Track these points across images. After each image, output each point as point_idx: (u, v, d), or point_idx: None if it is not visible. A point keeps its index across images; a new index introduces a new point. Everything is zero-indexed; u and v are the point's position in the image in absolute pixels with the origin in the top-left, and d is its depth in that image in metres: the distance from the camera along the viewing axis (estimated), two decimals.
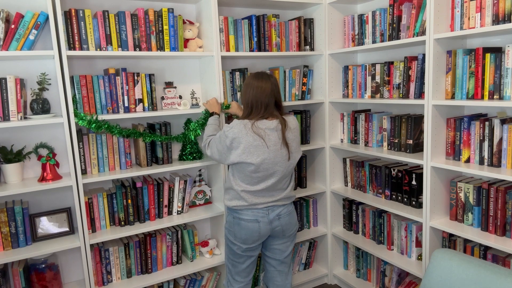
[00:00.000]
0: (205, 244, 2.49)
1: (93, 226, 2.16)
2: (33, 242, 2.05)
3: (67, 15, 1.95)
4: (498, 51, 1.85)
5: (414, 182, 2.27)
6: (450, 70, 2.00)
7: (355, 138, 2.67)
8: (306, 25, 2.69)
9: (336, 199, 2.85)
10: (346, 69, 2.69)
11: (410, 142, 2.27)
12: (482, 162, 1.93)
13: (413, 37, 2.14)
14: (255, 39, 2.46)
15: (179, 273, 2.34)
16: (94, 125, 2.01)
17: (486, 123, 1.88)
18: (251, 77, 1.96)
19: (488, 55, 1.83)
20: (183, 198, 2.39)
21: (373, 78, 2.47)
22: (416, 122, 2.25)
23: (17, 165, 2.01)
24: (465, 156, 1.99)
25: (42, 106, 2.01)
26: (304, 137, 2.78)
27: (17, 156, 2.02)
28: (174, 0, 2.35)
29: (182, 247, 2.50)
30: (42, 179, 2.01)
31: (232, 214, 1.99)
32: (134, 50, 2.13)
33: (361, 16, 2.51)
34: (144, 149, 2.25)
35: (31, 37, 1.86)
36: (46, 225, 2.10)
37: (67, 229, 2.14)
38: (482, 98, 1.88)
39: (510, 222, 1.84)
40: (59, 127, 2.21)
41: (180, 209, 2.40)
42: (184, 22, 2.31)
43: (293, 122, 1.97)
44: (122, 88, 2.15)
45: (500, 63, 1.80)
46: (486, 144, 1.90)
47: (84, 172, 2.12)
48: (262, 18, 2.47)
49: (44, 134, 2.17)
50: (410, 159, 2.18)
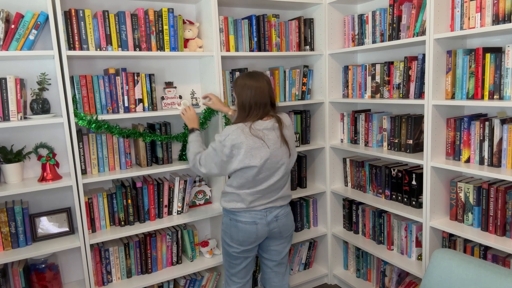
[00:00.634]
0: (205, 244, 2.49)
1: (93, 226, 2.16)
2: (33, 242, 2.05)
3: (67, 15, 1.95)
4: (498, 51, 1.85)
5: (414, 182, 2.27)
6: (450, 70, 2.00)
7: (355, 138, 2.67)
8: (306, 25, 2.69)
9: (336, 199, 2.85)
10: (346, 69, 2.69)
11: (410, 142, 2.27)
12: (482, 162, 1.93)
13: (413, 37, 2.14)
14: (255, 39, 2.46)
15: (179, 273, 2.34)
16: (94, 125, 2.01)
17: (486, 123, 1.88)
18: (245, 77, 1.90)
19: (488, 55, 1.83)
20: (183, 198, 2.39)
21: (373, 78, 2.47)
22: (416, 122, 2.25)
23: (17, 165, 2.01)
24: (465, 156, 1.99)
25: (42, 106, 2.01)
26: (304, 137, 2.78)
27: (17, 156, 2.02)
28: (174, 0, 2.35)
29: (182, 247, 2.50)
30: (42, 179, 2.01)
31: (228, 216, 1.96)
32: (134, 50, 2.13)
33: (361, 16, 2.51)
34: (144, 149, 2.25)
35: (31, 37, 1.86)
36: (46, 225, 2.10)
37: (67, 229, 2.14)
38: (482, 98, 1.88)
39: (510, 222, 1.84)
40: (59, 127, 2.21)
41: (180, 209, 2.40)
42: (184, 22, 2.31)
43: (287, 119, 1.96)
44: (122, 88, 2.15)
45: (500, 63, 1.80)
46: (486, 144, 1.90)
47: (84, 172, 2.12)
48: (262, 18, 2.47)
49: (44, 134, 2.17)
50: (410, 159, 2.18)
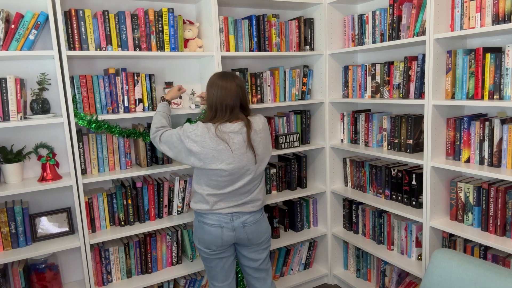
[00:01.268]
0: None
1: (93, 226, 2.16)
2: (33, 242, 2.05)
3: (67, 15, 1.95)
4: (498, 51, 1.85)
5: (414, 182, 2.27)
6: (450, 70, 2.00)
7: (355, 138, 2.67)
8: (306, 25, 2.69)
9: (336, 199, 2.85)
10: (346, 69, 2.69)
11: (410, 142, 2.27)
12: (482, 162, 1.93)
13: (413, 37, 2.14)
14: (255, 39, 2.46)
15: (179, 273, 2.34)
16: (94, 125, 2.01)
17: (486, 123, 1.88)
18: (216, 76, 1.86)
19: (488, 55, 1.83)
20: (183, 198, 2.39)
21: (373, 78, 2.47)
22: (416, 122, 2.25)
23: (17, 165, 2.01)
24: (465, 156, 1.99)
25: (42, 106, 2.01)
26: (304, 137, 2.78)
27: (17, 156, 2.02)
28: (174, 0, 2.35)
29: (182, 247, 2.50)
30: (42, 179, 2.01)
31: (197, 218, 1.92)
32: (134, 50, 2.13)
33: (361, 16, 2.51)
34: (144, 149, 2.25)
35: (31, 37, 1.86)
36: (46, 225, 2.10)
37: (67, 229, 2.14)
38: (482, 98, 1.88)
39: (510, 222, 1.84)
40: (59, 127, 2.21)
41: (180, 209, 2.40)
42: (184, 22, 2.31)
43: (259, 122, 1.86)
44: (122, 88, 2.15)
45: (500, 63, 1.80)
46: (486, 144, 1.90)
47: (84, 172, 2.12)
48: (262, 18, 2.47)
49: (44, 134, 2.17)
50: (410, 159, 2.18)
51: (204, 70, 2.48)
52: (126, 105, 2.17)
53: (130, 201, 2.23)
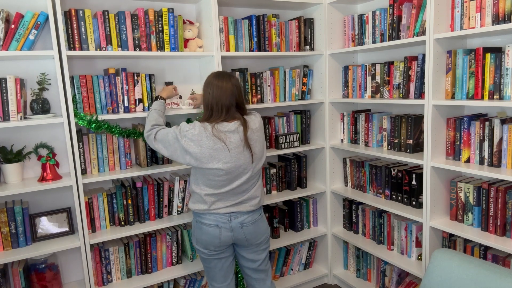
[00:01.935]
0: None
1: (93, 226, 2.16)
2: (33, 242, 2.05)
3: (67, 15, 1.95)
4: (498, 51, 1.85)
5: (414, 182, 2.27)
6: (450, 70, 2.00)
7: (355, 138, 2.67)
8: (306, 25, 2.69)
9: (336, 199, 2.85)
10: (346, 69, 2.69)
11: (410, 142, 2.27)
12: (482, 162, 1.93)
13: (413, 37, 2.14)
14: (255, 39, 2.46)
15: (179, 273, 2.34)
16: (94, 125, 2.01)
17: (486, 123, 1.88)
18: (212, 76, 1.86)
19: (488, 55, 1.83)
20: (183, 198, 2.39)
21: (373, 78, 2.47)
22: (416, 122, 2.25)
23: (17, 165, 2.01)
24: (465, 156, 1.99)
25: (42, 106, 2.01)
26: (304, 137, 2.78)
27: (17, 156, 2.02)
28: (174, 0, 2.35)
29: (182, 247, 2.50)
30: (42, 179, 2.01)
31: (195, 218, 1.92)
32: (134, 50, 2.14)
33: (361, 16, 2.51)
34: (144, 149, 2.25)
35: (31, 37, 1.86)
36: (46, 225, 2.10)
37: (67, 229, 2.14)
38: (482, 98, 1.88)
39: (510, 222, 1.84)
40: (59, 127, 2.21)
41: (180, 209, 2.40)
42: (184, 22, 2.31)
43: (255, 121, 1.86)
44: (122, 88, 2.15)
45: (500, 63, 1.80)
46: (486, 144, 1.90)
47: (84, 172, 2.12)
48: (262, 18, 2.47)
49: (44, 134, 2.17)
50: (410, 159, 2.18)
51: (204, 70, 2.48)
52: (126, 105, 2.17)
53: (130, 201, 2.23)
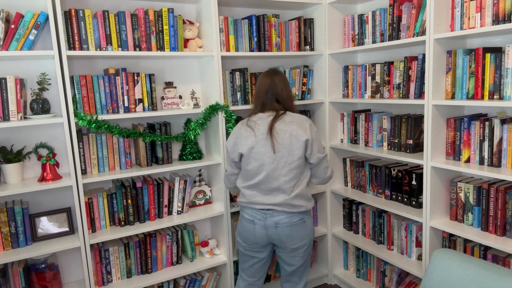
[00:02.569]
0: (205, 244, 2.49)
1: (93, 226, 2.16)
2: (33, 242, 2.05)
3: (67, 15, 1.95)
4: (498, 51, 1.85)
5: (414, 182, 2.27)
6: (450, 70, 2.00)
7: (355, 138, 2.67)
8: (306, 25, 2.69)
9: (336, 199, 2.85)
10: (346, 69, 2.69)
11: (410, 142, 2.27)
12: (482, 162, 1.93)
13: (413, 37, 2.14)
14: (255, 39, 2.46)
15: (179, 273, 2.34)
16: (94, 125, 2.01)
17: (486, 123, 1.88)
18: (262, 73, 2.02)
19: (488, 55, 1.83)
20: (183, 198, 2.39)
21: (373, 78, 2.47)
22: (416, 122, 2.25)
23: (17, 165, 2.01)
24: (465, 156, 1.99)
25: (42, 106, 2.01)
26: None
27: (17, 156, 2.02)
28: (174, 0, 2.35)
29: (182, 247, 2.50)
30: (42, 179, 2.01)
31: (240, 211, 2.00)
32: (134, 50, 2.14)
33: (361, 16, 2.51)
34: (144, 149, 2.25)
35: (31, 37, 1.86)
36: (46, 225, 2.10)
37: (67, 229, 2.14)
38: (482, 98, 1.88)
39: (510, 222, 1.84)
40: (59, 127, 2.21)
41: (180, 209, 2.40)
42: (184, 22, 2.31)
43: (295, 116, 1.87)
44: (122, 88, 2.15)
45: (500, 63, 1.80)
46: (486, 144, 1.90)
47: (84, 172, 2.13)
48: (262, 18, 2.47)
49: (44, 134, 2.17)
50: (410, 159, 2.18)
51: (204, 70, 2.48)
52: (126, 105, 2.17)
53: (130, 201, 2.23)
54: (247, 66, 2.72)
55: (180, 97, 2.38)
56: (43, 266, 2.07)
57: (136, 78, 2.18)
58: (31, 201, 2.18)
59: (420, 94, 2.16)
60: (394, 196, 2.43)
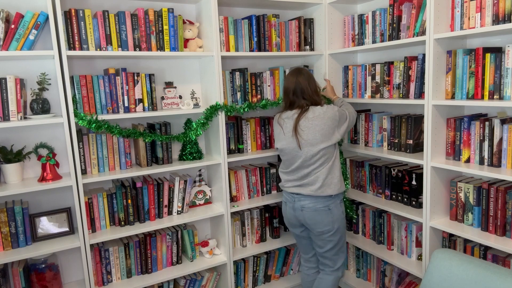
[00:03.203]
0: (205, 244, 2.49)
1: (93, 226, 2.16)
2: (33, 242, 2.05)
3: (67, 15, 1.95)
4: (498, 51, 1.85)
5: (414, 182, 2.27)
6: (450, 70, 2.00)
7: (355, 138, 2.67)
8: (306, 25, 2.69)
9: None
10: (346, 69, 2.69)
11: (410, 142, 2.27)
12: (482, 162, 1.93)
13: (413, 37, 2.14)
14: (255, 39, 2.46)
15: (179, 273, 2.34)
16: (94, 125, 2.01)
17: (486, 123, 1.88)
18: (288, 72, 2.22)
19: (488, 55, 1.83)
20: (183, 198, 2.39)
21: (373, 78, 2.47)
22: (416, 122, 2.25)
23: (17, 165, 2.01)
24: (465, 156, 1.99)
25: (42, 106, 2.01)
26: None
27: (17, 156, 2.02)
28: (174, 0, 2.35)
29: (182, 247, 2.50)
30: (42, 179, 2.01)
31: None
32: (134, 50, 2.13)
33: (361, 16, 2.51)
34: (144, 149, 2.25)
35: (31, 37, 1.86)
36: (46, 225, 2.10)
37: (67, 229, 2.14)
38: (482, 98, 1.88)
39: (510, 222, 1.84)
40: (59, 127, 2.21)
41: (180, 209, 2.40)
42: (184, 22, 2.31)
43: (317, 111, 2.04)
44: (122, 88, 2.15)
45: (500, 63, 1.80)
46: (486, 144, 1.90)
47: (84, 172, 2.12)
48: (262, 18, 2.47)
49: (44, 134, 2.17)
50: (410, 159, 2.18)
51: (204, 70, 2.48)
52: (126, 105, 2.17)
53: (130, 201, 2.23)
54: (247, 66, 2.72)
55: (180, 97, 2.38)
56: (43, 266, 2.07)
57: (136, 78, 2.18)
58: (31, 201, 2.18)
59: (420, 94, 2.16)
60: (394, 196, 2.43)
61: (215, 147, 2.44)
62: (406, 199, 2.34)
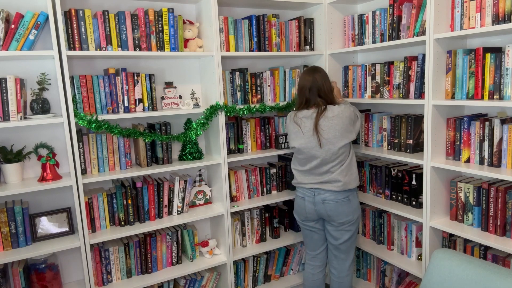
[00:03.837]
0: (205, 244, 2.49)
1: (93, 226, 2.16)
2: (33, 242, 2.05)
3: (67, 15, 1.95)
4: (498, 51, 1.85)
5: (414, 182, 2.27)
6: (450, 70, 2.00)
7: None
8: (306, 25, 2.69)
9: None
10: (346, 69, 2.69)
11: (410, 142, 2.27)
12: (482, 162, 1.93)
13: (413, 37, 2.14)
14: (255, 39, 2.46)
15: (179, 273, 2.34)
16: (94, 125, 2.01)
17: (486, 123, 1.88)
18: (303, 70, 2.22)
19: (488, 55, 1.83)
20: (183, 198, 2.39)
21: (373, 78, 2.47)
22: (416, 122, 2.25)
23: (17, 165, 2.01)
24: (465, 156, 1.99)
25: (42, 106, 2.01)
26: None
27: (17, 156, 2.02)
28: (174, 0, 2.35)
29: (182, 247, 2.50)
30: (42, 179, 2.01)
31: (295, 191, 2.29)
32: (134, 50, 2.13)
33: (361, 16, 2.51)
34: (144, 149, 2.25)
35: (31, 37, 1.86)
36: (46, 225, 2.10)
37: (67, 229, 2.14)
38: (482, 98, 1.88)
39: (510, 222, 1.84)
40: (59, 127, 2.21)
41: (180, 209, 2.40)
42: (184, 22, 2.31)
43: (335, 110, 2.07)
44: (122, 88, 2.15)
45: (500, 63, 1.80)
46: (486, 144, 1.90)
47: (84, 172, 2.12)
48: (262, 18, 2.47)
49: (44, 134, 2.17)
50: (410, 159, 2.18)
51: (204, 70, 2.48)
52: (126, 105, 2.17)
53: (130, 201, 2.23)
54: (247, 66, 2.72)
55: (180, 97, 2.38)
56: (43, 266, 2.07)
57: (136, 78, 2.18)
58: (31, 201, 2.18)
59: (420, 94, 2.16)
60: (394, 196, 2.43)
61: (215, 147, 2.45)
62: (406, 199, 2.34)
